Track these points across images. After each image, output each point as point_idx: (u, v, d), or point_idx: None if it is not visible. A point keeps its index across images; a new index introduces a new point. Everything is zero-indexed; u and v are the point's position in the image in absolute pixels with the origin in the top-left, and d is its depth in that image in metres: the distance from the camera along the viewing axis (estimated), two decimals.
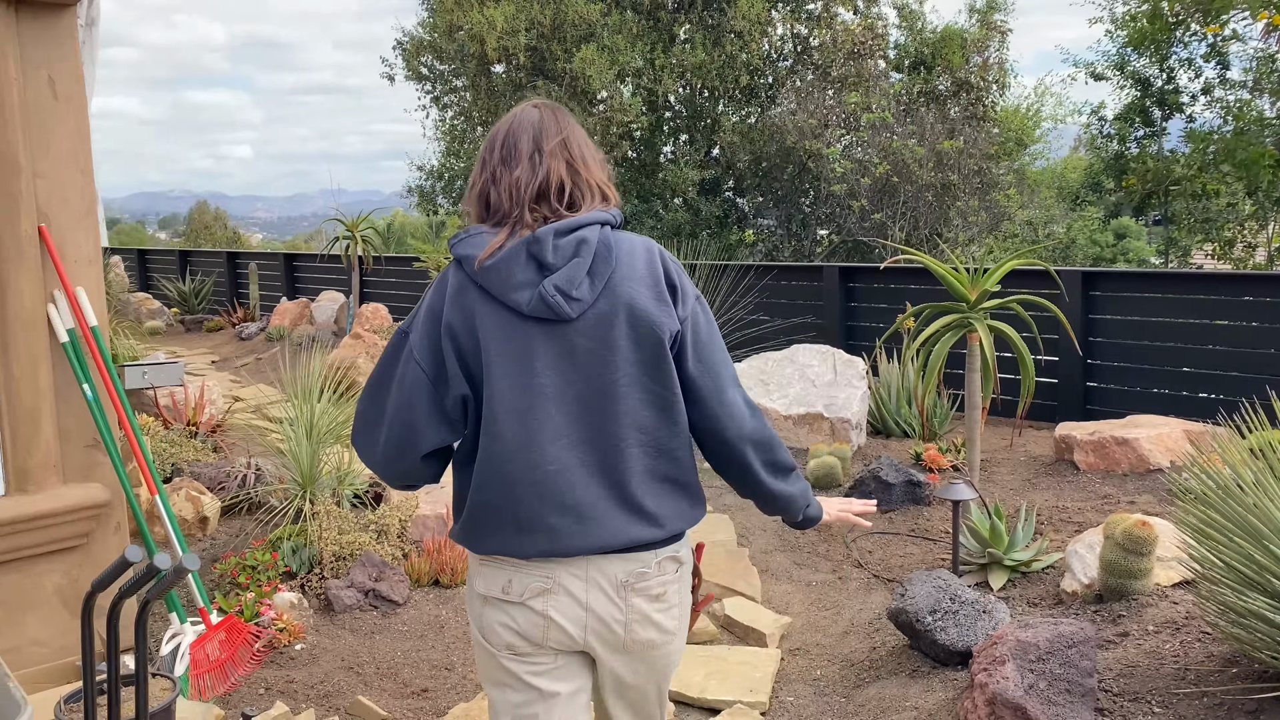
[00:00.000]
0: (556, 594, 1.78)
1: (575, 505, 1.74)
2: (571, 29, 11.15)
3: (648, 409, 1.78)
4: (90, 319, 3.43)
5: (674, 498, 1.82)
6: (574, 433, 1.75)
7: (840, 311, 8.01)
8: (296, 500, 4.43)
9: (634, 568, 1.80)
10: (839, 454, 5.70)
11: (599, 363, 1.75)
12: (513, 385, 1.74)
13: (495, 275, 1.74)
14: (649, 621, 1.83)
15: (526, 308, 1.72)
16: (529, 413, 1.74)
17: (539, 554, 1.76)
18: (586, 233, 1.76)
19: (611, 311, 1.74)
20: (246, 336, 12.48)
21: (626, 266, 1.78)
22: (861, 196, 10.77)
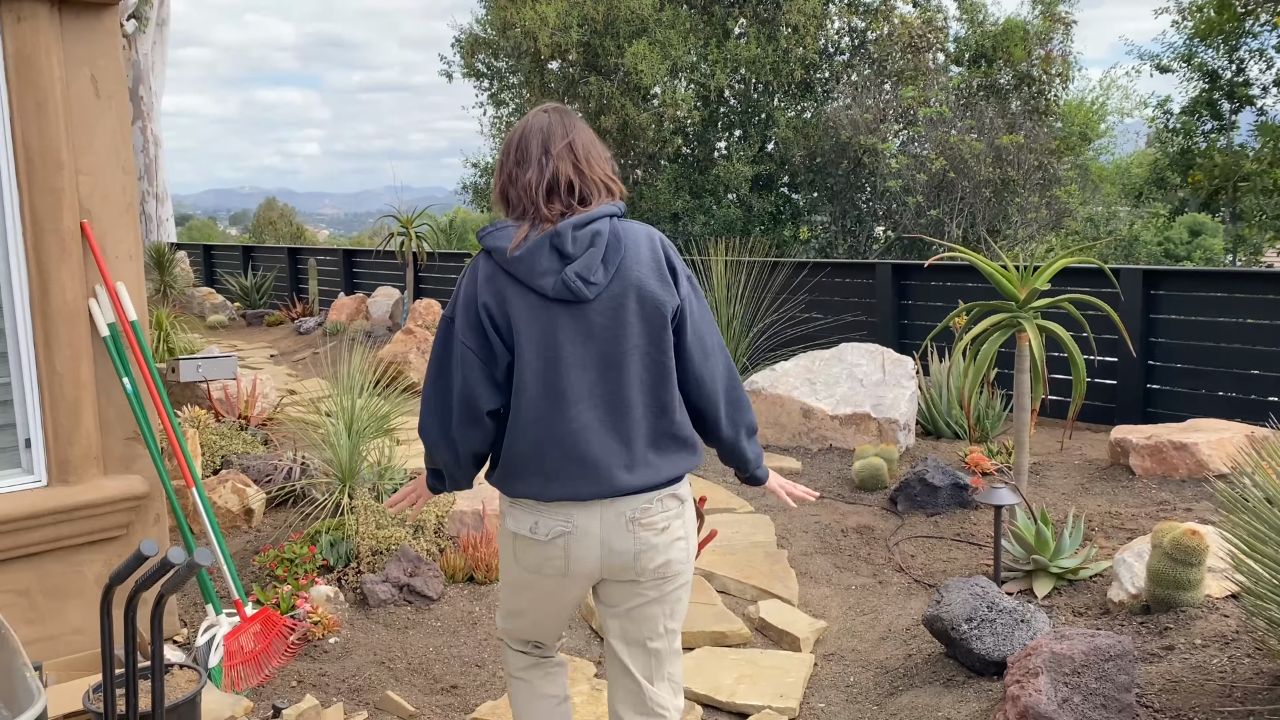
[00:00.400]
0: (574, 534, 2.09)
1: (592, 458, 2.05)
2: (624, 24, 11.12)
3: (651, 374, 2.09)
4: (130, 314, 3.49)
5: (672, 449, 2.13)
6: (592, 396, 2.06)
7: (893, 310, 7.87)
8: (336, 494, 4.46)
9: (639, 504, 2.10)
10: (885, 455, 5.60)
11: (612, 336, 2.05)
12: (539, 357, 2.04)
13: (523, 264, 2.03)
14: (656, 550, 2.12)
15: (551, 291, 2.02)
16: (554, 380, 2.05)
17: (560, 498, 2.07)
18: (600, 225, 2.06)
19: (623, 292, 2.05)
20: (305, 331, 12.69)
21: (633, 254, 2.08)
22: (917, 192, 10.57)
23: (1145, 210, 14.94)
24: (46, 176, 3.28)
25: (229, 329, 14.07)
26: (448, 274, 11.96)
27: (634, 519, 2.10)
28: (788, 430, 6.30)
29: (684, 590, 2.22)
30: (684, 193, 12.56)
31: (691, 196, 12.59)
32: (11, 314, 3.32)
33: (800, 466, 5.93)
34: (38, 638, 3.39)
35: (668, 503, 2.14)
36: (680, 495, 2.17)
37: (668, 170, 12.55)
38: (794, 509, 2.49)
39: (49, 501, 3.33)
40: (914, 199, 10.49)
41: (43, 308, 3.32)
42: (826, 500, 5.40)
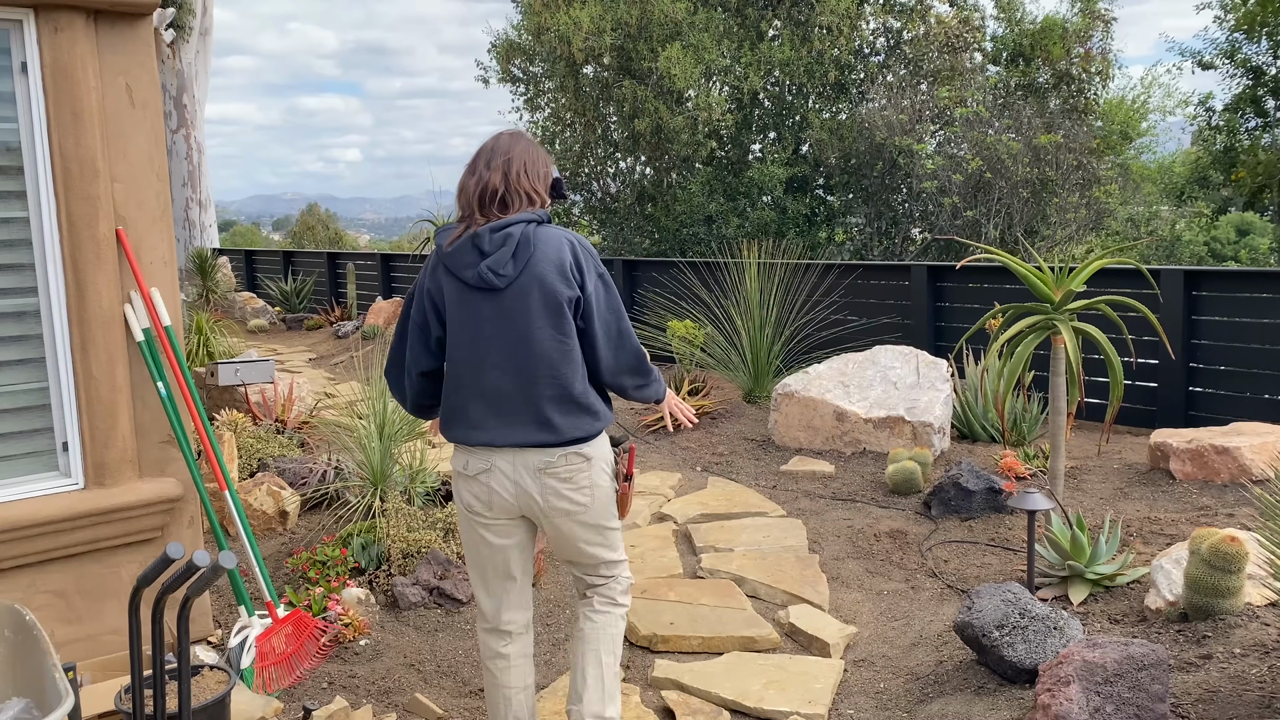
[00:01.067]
0: (494, 473, 2.58)
1: (505, 414, 2.54)
2: (657, 28, 11.11)
3: (553, 351, 2.53)
4: (165, 319, 3.54)
5: (573, 414, 2.56)
6: (505, 365, 2.53)
7: (928, 312, 7.79)
8: (368, 497, 4.50)
9: (545, 458, 2.56)
10: (919, 459, 5.54)
11: (521, 318, 2.52)
12: (464, 334, 2.55)
13: (453, 258, 2.54)
14: (560, 495, 2.58)
15: (471, 281, 2.52)
16: (474, 351, 2.54)
17: (481, 444, 2.57)
18: (512, 230, 2.51)
19: (529, 284, 2.51)
20: (343, 335, 12.83)
21: (541, 254, 2.53)
22: (953, 193, 10.45)
23: (1187, 210, 14.65)
24: (83, 184, 3.34)
25: (269, 333, 14.26)
26: None
27: (540, 469, 2.56)
28: (821, 434, 6.25)
29: (594, 531, 2.67)
30: (718, 195, 12.54)
31: (725, 199, 12.57)
32: (49, 319, 3.39)
33: (833, 470, 5.89)
34: (75, 638, 3.45)
35: (572, 459, 2.58)
36: (585, 454, 2.60)
37: (701, 173, 12.54)
38: (685, 425, 2.92)
39: (86, 504, 3.39)
40: (950, 200, 10.38)
41: (79, 313, 3.38)
42: (859, 504, 5.35)
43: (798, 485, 5.76)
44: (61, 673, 2.05)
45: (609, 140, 13.19)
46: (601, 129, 12.99)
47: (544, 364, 2.53)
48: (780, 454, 6.33)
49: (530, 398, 2.53)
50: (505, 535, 2.66)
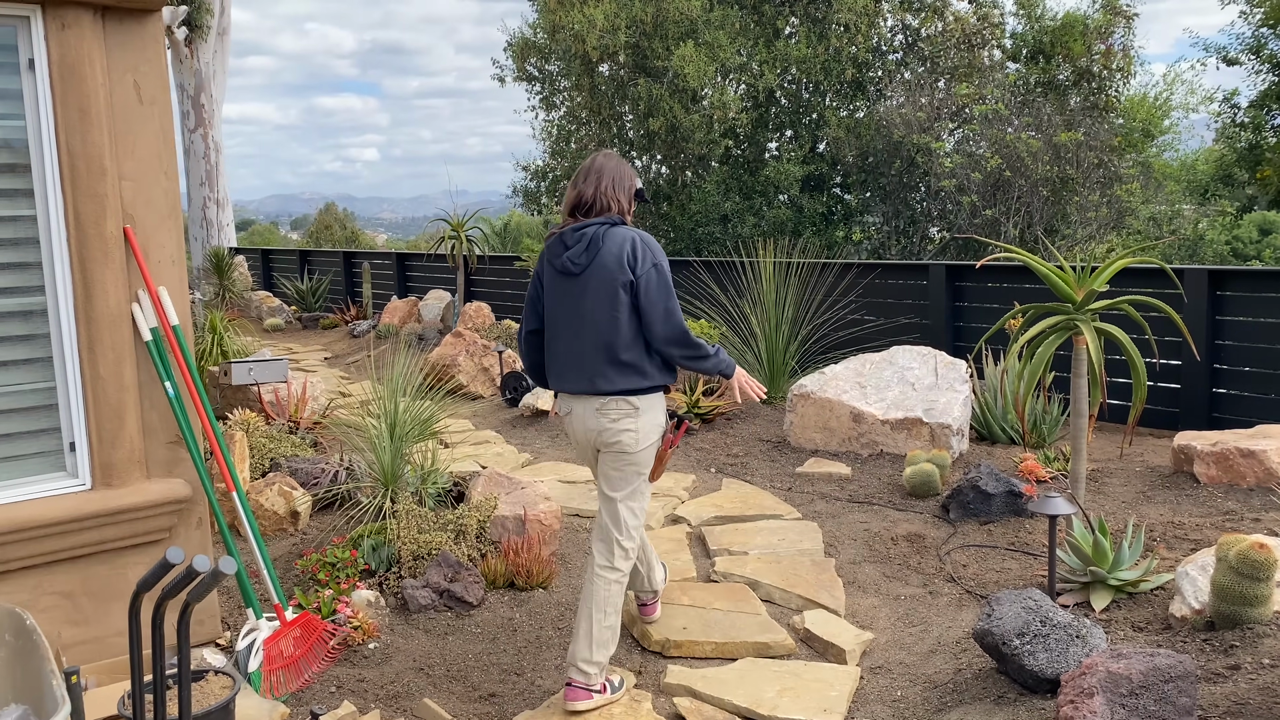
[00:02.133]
0: (573, 413, 3.37)
1: (576, 368, 3.29)
2: (673, 25, 11.03)
3: (605, 323, 3.24)
4: (172, 318, 3.50)
5: (621, 371, 3.25)
6: (575, 332, 3.27)
7: (947, 312, 7.70)
8: (378, 498, 4.46)
9: (601, 401, 3.28)
10: (937, 461, 5.46)
11: (586, 297, 3.25)
12: (553, 308, 3.36)
13: (549, 251, 3.39)
14: (610, 432, 3.30)
15: (558, 268, 3.31)
16: (558, 321, 3.33)
17: (564, 391, 3.37)
18: (588, 230, 3.28)
19: (595, 271, 3.24)
20: (358, 334, 12.82)
21: (606, 249, 3.25)
22: (972, 192, 10.33)
23: (1211, 208, 14.43)
24: (90, 182, 3.31)
25: (285, 332, 14.27)
26: (499, 276, 12.00)
27: (598, 409, 3.29)
28: (837, 435, 6.18)
29: (631, 470, 3.33)
30: (734, 194, 12.45)
31: (741, 198, 12.48)
32: (56, 318, 3.36)
33: (850, 472, 5.81)
34: (82, 640, 3.42)
35: (621, 404, 3.27)
36: (634, 404, 3.28)
37: (717, 172, 12.45)
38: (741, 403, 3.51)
39: (93, 505, 3.36)
40: (969, 199, 10.26)
41: (86, 312, 3.35)
42: (876, 507, 5.28)
43: (813, 487, 5.69)
44: (60, 679, 2.01)
45: (624, 139, 13.13)
46: (617, 127, 12.92)
47: (599, 332, 3.24)
48: (796, 455, 6.25)
49: (591, 357, 3.26)
50: (588, 459, 3.48)
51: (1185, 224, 13.18)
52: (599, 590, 3.29)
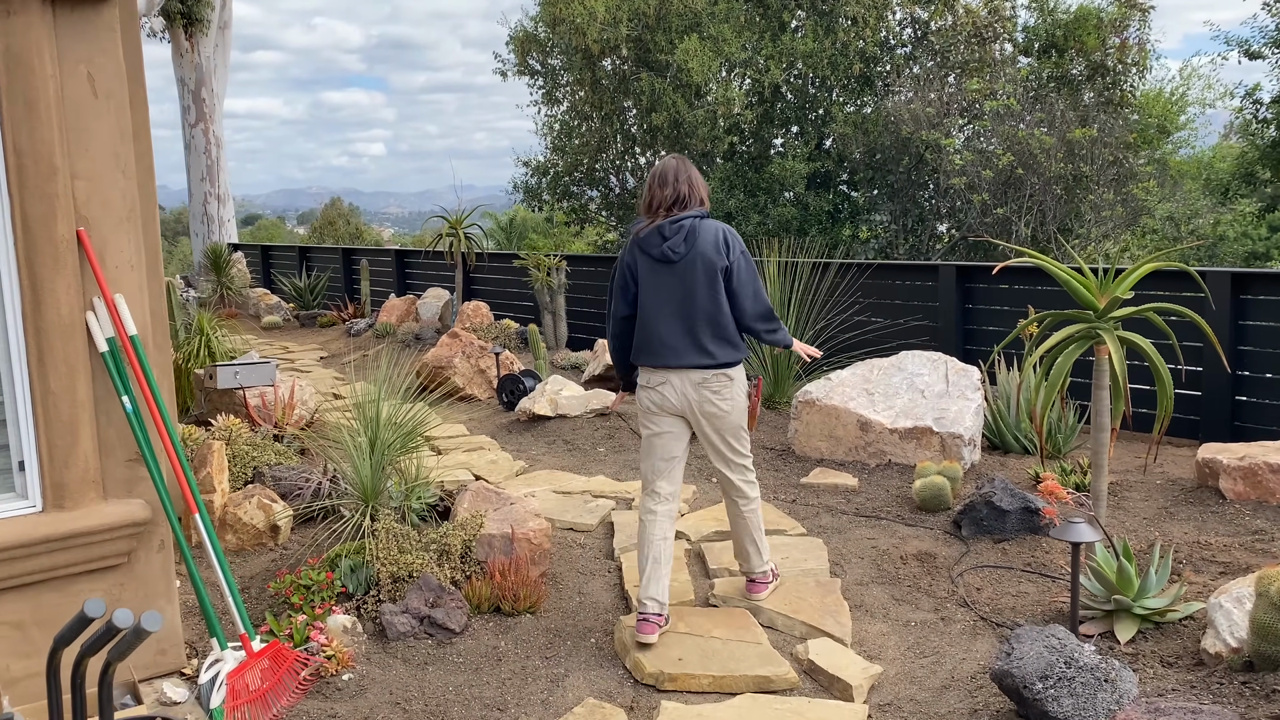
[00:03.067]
0: (667, 386, 3.71)
1: (673, 346, 3.66)
2: (676, 19, 10.77)
3: (708, 303, 3.65)
4: (130, 328, 3.27)
5: (721, 346, 3.68)
6: (674, 313, 3.66)
7: (957, 314, 7.44)
8: (357, 515, 4.22)
9: (702, 375, 3.68)
10: (948, 474, 5.21)
11: (688, 282, 3.65)
12: (650, 293, 3.70)
13: (644, 242, 3.69)
14: (711, 402, 3.70)
15: (657, 256, 3.67)
16: (656, 304, 3.68)
17: (660, 366, 3.70)
18: (684, 222, 3.67)
19: (694, 259, 3.64)
20: (355, 333, 12.59)
21: (702, 239, 3.66)
22: (983, 190, 10.05)
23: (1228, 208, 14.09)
24: (39, 182, 3.07)
25: (283, 330, 14.04)
26: (500, 274, 11.76)
27: (699, 383, 3.69)
28: (843, 444, 5.93)
29: (734, 426, 3.79)
30: (738, 191, 12.18)
31: (745, 195, 12.21)
32: (2, 329, 3.12)
33: (856, 483, 5.56)
34: (32, 673, 3.19)
35: (720, 377, 3.70)
36: (730, 375, 3.72)
37: (721, 168, 12.19)
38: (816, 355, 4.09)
39: (44, 528, 3.13)
40: (979, 197, 9.98)
41: (36, 322, 3.11)
42: (884, 522, 5.03)
43: (819, 499, 5.44)
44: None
45: (626, 134, 12.86)
46: (619, 122, 12.65)
47: (702, 312, 3.65)
48: (800, 465, 6.01)
49: (694, 335, 3.65)
50: (668, 427, 3.78)
51: (1204, 224, 12.86)
52: (752, 521, 3.93)
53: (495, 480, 6.04)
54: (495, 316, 10.90)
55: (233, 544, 4.85)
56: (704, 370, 3.68)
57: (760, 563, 4.00)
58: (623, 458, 6.48)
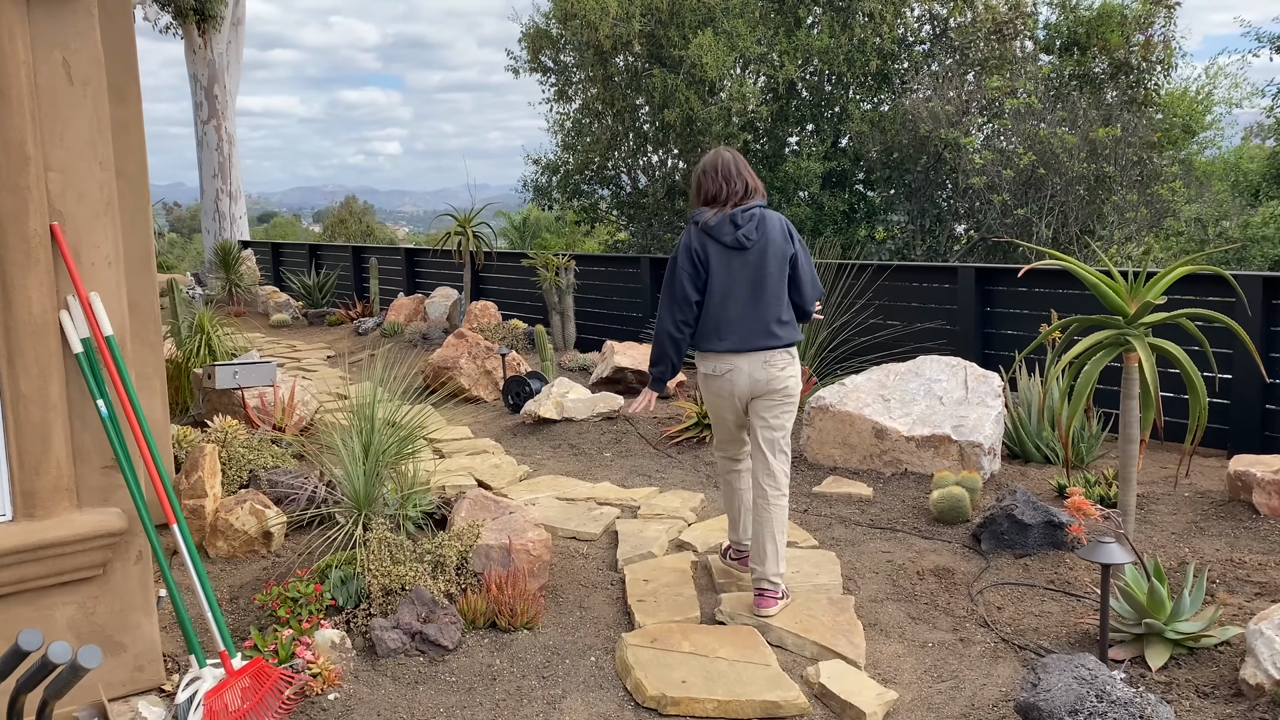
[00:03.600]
0: (735, 371, 3.83)
1: (748, 329, 3.79)
2: (689, 13, 10.56)
3: (777, 288, 3.83)
4: (106, 327, 3.10)
5: (784, 328, 3.84)
6: (747, 298, 3.80)
7: (976, 318, 7.22)
8: (349, 524, 4.05)
9: (768, 355, 3.82)
10: (967, 484, 5.01)
11: (760, 268, 3.80)
12: (721, 278, 3.81)
13: (715, 230, 3.81)
14: (778, 379, 3.83)
15: (729, 244, 3.80)
16: (726, 289, 3.81)
17: (727, 350, 3.82)
18: (754, 210, 3.85)
19: (765, 245, 3.81)
20: (363, 332, 12.46)
21: (770, 227, 3.85)
22: (1003, 190, 9.81)
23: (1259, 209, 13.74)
24: (9, 173, 2.91)
25: (291, 328, 13.92)
26: (509, 273, 11.59)
27: (765, 362, 3.81)
28: (858, 451, 5.73)
29: (791, 406, 3.90)
30: None
31: None
32: None
33: (871, 493, 5.36)
34: None
35: (784, 355, 3.85)
36: (792, 354, 3.89)
37: None
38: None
39: (13, 538, 2.96)
40: (999, 197, 9.74)
41: (5, 321, 2.95)
42: (900, 534, 4.83)
43: (832, 509, 5.25)
44: None
45: (639, 132, 12.66)
46: (631, 120, 12.45)
47: (772, 296, 3.82)
48: (813, 473, 5.81)
49: (766, 318, 3.81)
50: (733, 411, 3.95)
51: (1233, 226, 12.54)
52: (776, 516, 3.88)
53: (498, 485, 5.87)
54: (504, 316, 10.73)
55: (224, 551, 4.69)
56: (772, 350, 3.83)
57: (776, 567, 3.90)
58: (629, 463, 6.30)
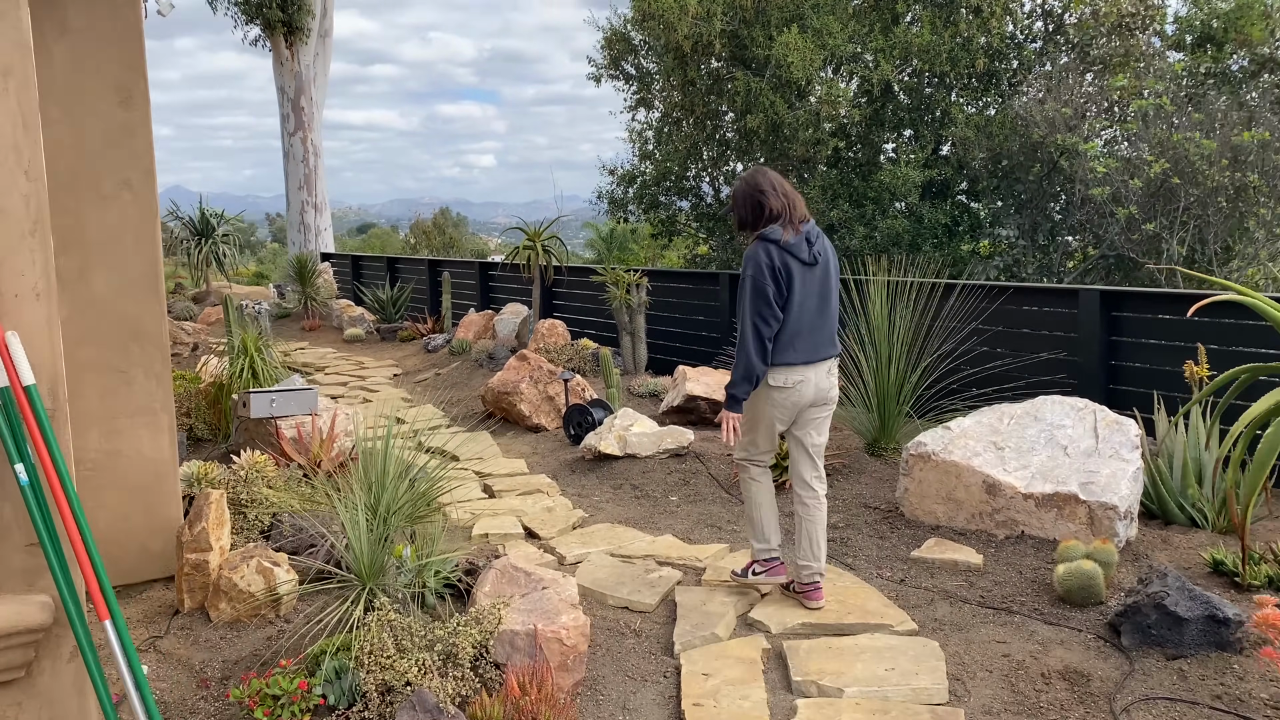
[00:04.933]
0: (805, 383, 4.06)
1: (820, 341, 4.08)
2: (776, 11, 9.78)
3: (836, 300, 4.16)
4: (25, 376, 2.50)
5: (837, 339, 4.19)
6: (817, 309, 4.07)
7: (1100, 350, 6.28)
8: (346, 604, 3.41)
9: (830, 365, 4.15)
10: (1100, 557, 4.14)
11: (827, 282, 4.11)
12: (804, 293, 4.03)
13: (794, 247, 4.01)
14: (833, 386, 4.18)
15: (806, 260, 4.02)
16: (810, 303, 4.05)
17: (804, 363, 4.05)
18: (815, 229, 4.14)
19: (828, 261, 4.13)
20: (432, 349, 12.01)
21: (826, 241, 4.17)
22: (1129, 202, 8.76)
23: None
24: None
25: (363, 343, 13.59)
26: (582, 289, 10.95)
27: (829, 371, 4.11)
28: (965, 508, 4.89)
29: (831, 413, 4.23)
30: (842, 201, 11.10)
31: (851, 206, 11.13)
32: None
33: (981, 561, 4.52)
34: None
35: (836, 361, 4.17)
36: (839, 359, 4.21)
37: (823, 176, 11.12)
38: None
39: None
40: (1125, 210, 8.69)
41: None
42: (1019, 618, 3.99)
43: (933, 580, 4.43)
44: None
45: (721, 140, 11.90)
46: (713, 127, 11.70)
47: (833, 309, 4.08)
48: (911, 532, 4.98)
49: (829, 329, 4.06)
50: (787, 421, 4.10)
51: None
52: (819, 515, 4.16)
53: (547, 534, 5.20)
54: (574, 335, 10.10)
55: (227, 615, 4.10)
56: (832, 359, 4.12)
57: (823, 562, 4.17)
58: (697, 510, 5.56)
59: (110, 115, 4.28)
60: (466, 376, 10.05)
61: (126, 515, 4.48)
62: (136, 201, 4.36)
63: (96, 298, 4.33)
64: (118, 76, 4.29)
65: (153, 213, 4.44)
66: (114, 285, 4.36)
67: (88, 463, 4.39)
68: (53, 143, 4.22)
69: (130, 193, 4.35)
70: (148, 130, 4.40)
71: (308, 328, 15.00)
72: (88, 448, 4.38)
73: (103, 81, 4.26)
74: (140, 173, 4.36)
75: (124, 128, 4.32)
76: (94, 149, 4.27)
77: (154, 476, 4.52)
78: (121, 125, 4.32)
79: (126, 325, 4.41)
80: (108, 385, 4.39)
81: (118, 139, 4.32)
